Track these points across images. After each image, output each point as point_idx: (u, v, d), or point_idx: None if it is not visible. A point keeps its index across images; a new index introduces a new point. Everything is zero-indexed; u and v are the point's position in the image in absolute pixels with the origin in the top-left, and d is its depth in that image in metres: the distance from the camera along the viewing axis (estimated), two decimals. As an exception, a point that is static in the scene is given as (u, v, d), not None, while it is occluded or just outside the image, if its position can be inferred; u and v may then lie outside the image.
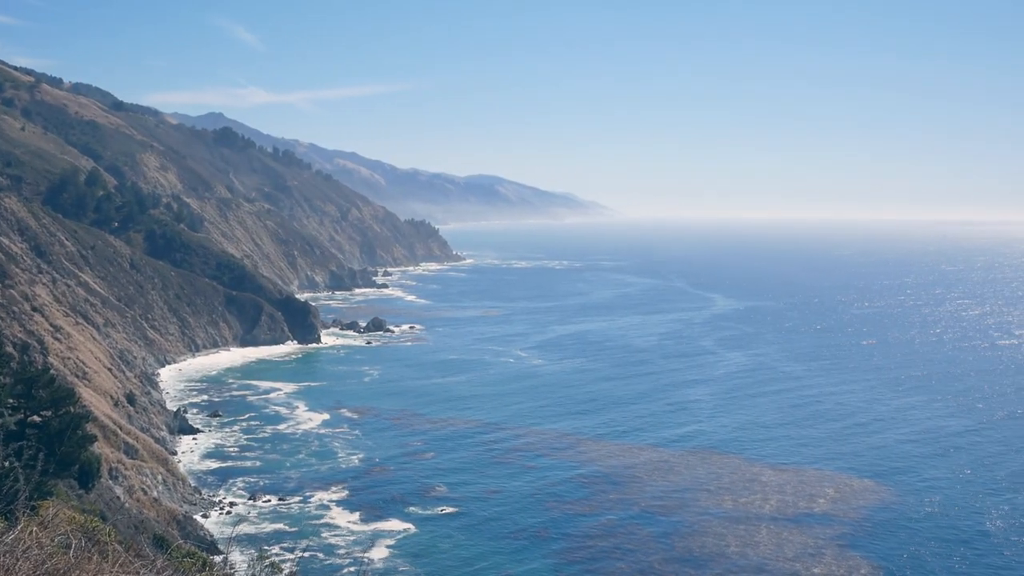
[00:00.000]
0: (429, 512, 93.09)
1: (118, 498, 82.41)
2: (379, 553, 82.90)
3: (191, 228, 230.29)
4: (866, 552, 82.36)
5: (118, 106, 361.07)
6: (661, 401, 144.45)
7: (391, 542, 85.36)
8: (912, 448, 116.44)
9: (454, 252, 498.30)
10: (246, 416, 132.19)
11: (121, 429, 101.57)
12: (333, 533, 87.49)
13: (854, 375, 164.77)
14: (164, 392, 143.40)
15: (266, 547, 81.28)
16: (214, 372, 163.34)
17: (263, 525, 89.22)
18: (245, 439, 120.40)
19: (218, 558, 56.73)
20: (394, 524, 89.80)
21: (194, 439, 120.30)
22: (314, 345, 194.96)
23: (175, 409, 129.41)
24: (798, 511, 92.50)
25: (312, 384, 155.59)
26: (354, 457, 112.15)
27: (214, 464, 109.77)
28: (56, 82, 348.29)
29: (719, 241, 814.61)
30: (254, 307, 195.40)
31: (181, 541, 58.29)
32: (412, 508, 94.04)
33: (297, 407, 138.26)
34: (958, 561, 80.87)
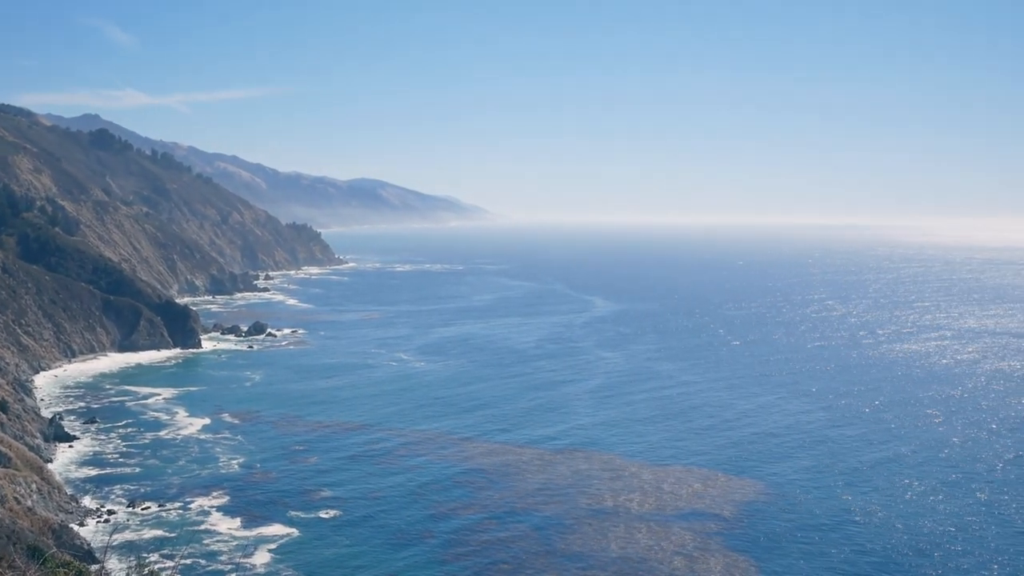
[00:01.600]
0: (311, 515, 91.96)
1: (-11, 508, 79.29)
2: (261, 558, 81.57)
3: (66, 232, 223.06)
4: (742, 548, 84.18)
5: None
6: (541, 401, 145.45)
7: (273, 547, 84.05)
8: (781, 442, 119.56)
9: (336, 256, 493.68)
10: (124, 422, 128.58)
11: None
12: (214, 539, 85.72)
13: (725, 374, 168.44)
14: (39, 399, 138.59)
15: (145, 554, 79.31)
16: (91, 378, 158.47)
17: (143, 532, 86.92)
18: (124, 446, 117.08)
19: (95, 567, 55.08)
20: (276, 529, 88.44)
21: (70, 446, 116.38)
22: (195, 350, 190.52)
23: (50, 416, 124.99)
24: (676, 509, 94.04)
25: (192, 389, 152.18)
26: (235, 462, 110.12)
27: (92, 471, 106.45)
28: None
29: (602, 245, 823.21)
30: (132, 312, 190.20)
31: (56, 550, 56.38)
32: (294, 512, 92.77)
33: (177, 412, 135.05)
34: (824, 548, 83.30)
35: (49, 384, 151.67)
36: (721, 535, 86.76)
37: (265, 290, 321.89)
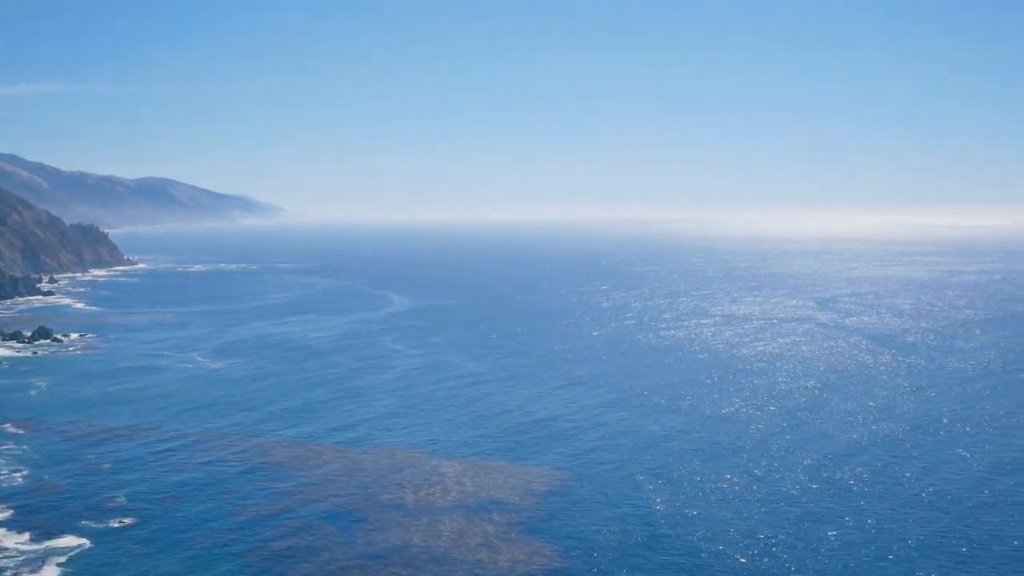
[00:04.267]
0: (105, 526, 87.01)
1: None
2: (50, 572, 76.66)
3: None
4: (543, 535, 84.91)
5: None
6: (341, 400, 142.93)
7: (63, 560, 79.06)
8: (579, 434, 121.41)
9: (126, 257, 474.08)
10: None
11: None
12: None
13: (525, 368, 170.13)
14: None
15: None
16: None
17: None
18: None
19: None
20: (67, 541, 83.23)
21: None
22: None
23: None
24: (478, 501, 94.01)
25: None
26: (19, 474, 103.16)
27: None
28: None
29: (403, 242, 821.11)
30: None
31: None
32: (86, 523, 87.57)
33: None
34: (622, 528, 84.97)
35: None
36: (522, 523, 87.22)
37: (50, 294, 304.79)
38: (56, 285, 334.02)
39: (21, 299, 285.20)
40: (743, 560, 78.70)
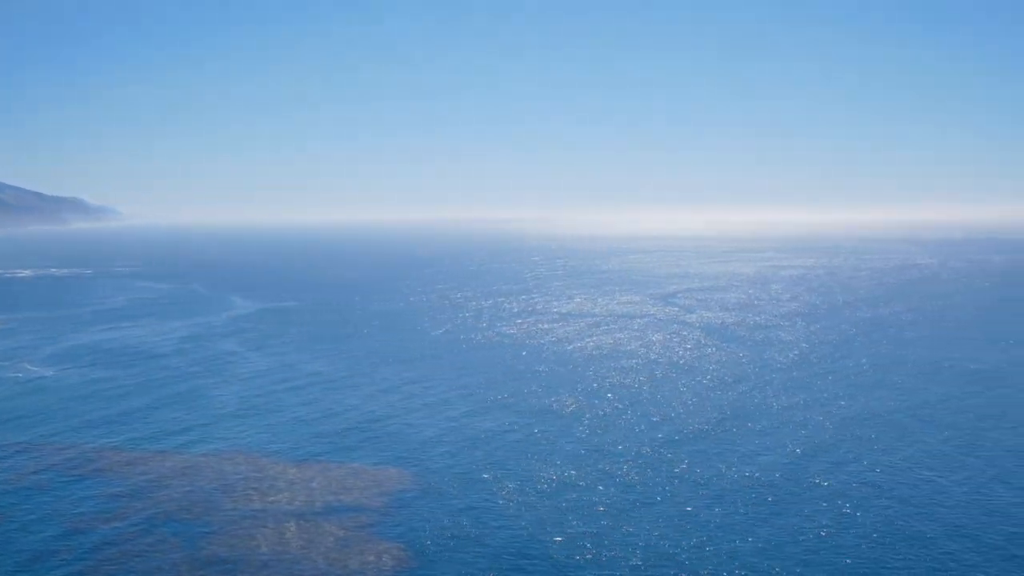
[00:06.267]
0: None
1: None
2: None
3: None
4: (393, 536, 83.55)
5: None
6: (182, 404, 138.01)
7: None
8: (424, 432, 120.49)
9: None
10: None
11: None
12: None
13: (368, 367, 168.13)
14: None
15: None
16: None
17: None
18: None
19: None
20: None
21: None
22: None
23: None
24: (325, 504, 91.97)
25: None
26: None
27: None
28: None
29: (246, 244, 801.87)
30: None
31: None
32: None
33: None
34: (474, 531, 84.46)
35: None
36: (373, 526, 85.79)
37: None
38: None
39: None
40: (589, 548, 79.46)
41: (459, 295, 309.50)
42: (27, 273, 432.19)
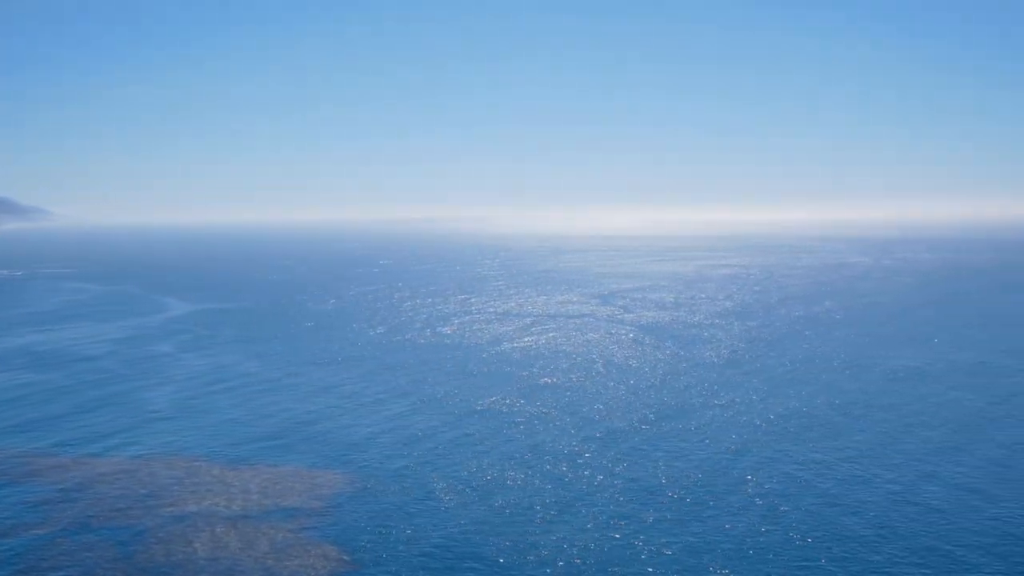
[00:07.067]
0: None
1: None
2: None
3: None
4: (332, 538, 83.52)
5: None
6: (115, 408, 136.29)
7: None
8: (361, 432, 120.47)
9: None
10: None
11: None
12: None
13: (305, 368, 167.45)
14: None
15: None
16: None
17: None
18: None
19: None
20: None
21: None
22: None
23: None
24: (266, 508, 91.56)
25: None
26: None
27: None
28: None
29: (187, 246, 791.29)
30: None
31: None
32: None
33: None
34: (413, 533, 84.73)
35: None
36: (315, 529, 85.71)
37: None
38: None
39: None
40: (523, 548, 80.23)
41: (396, 295, 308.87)
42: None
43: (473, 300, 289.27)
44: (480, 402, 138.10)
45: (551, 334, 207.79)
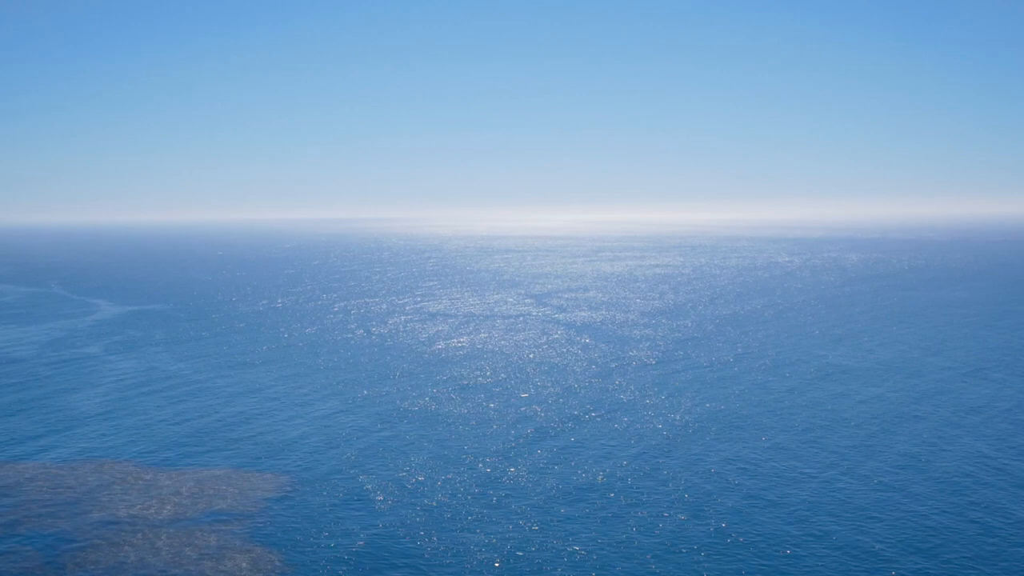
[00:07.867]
0: None
1: None
2: None
3: None
4: (267, 541, 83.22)
5: None
6: (40, 411, 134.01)
7: None
8: (294, 432, 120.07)
9: None
10: None
11: None
12: None
13: (239, 369, 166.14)
14: None
15: None
16: None
17: None
18: None
19: None
20: None
21: None
22: None
23: None
24: (197, 512, 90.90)
25: None
26: None
27: None
28: None
29: (118, 246, 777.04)
30: None
31: None
32: None
33: None
34: (348, 536, 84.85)
35: None
36: (246, 531, 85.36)
37: None
38: None
39: None
40: (452, 547, 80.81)
41: (328, 295, 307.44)
42: None
43: (405, 300, 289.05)
44: (411, 402, 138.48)
45: (482, 334, 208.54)
